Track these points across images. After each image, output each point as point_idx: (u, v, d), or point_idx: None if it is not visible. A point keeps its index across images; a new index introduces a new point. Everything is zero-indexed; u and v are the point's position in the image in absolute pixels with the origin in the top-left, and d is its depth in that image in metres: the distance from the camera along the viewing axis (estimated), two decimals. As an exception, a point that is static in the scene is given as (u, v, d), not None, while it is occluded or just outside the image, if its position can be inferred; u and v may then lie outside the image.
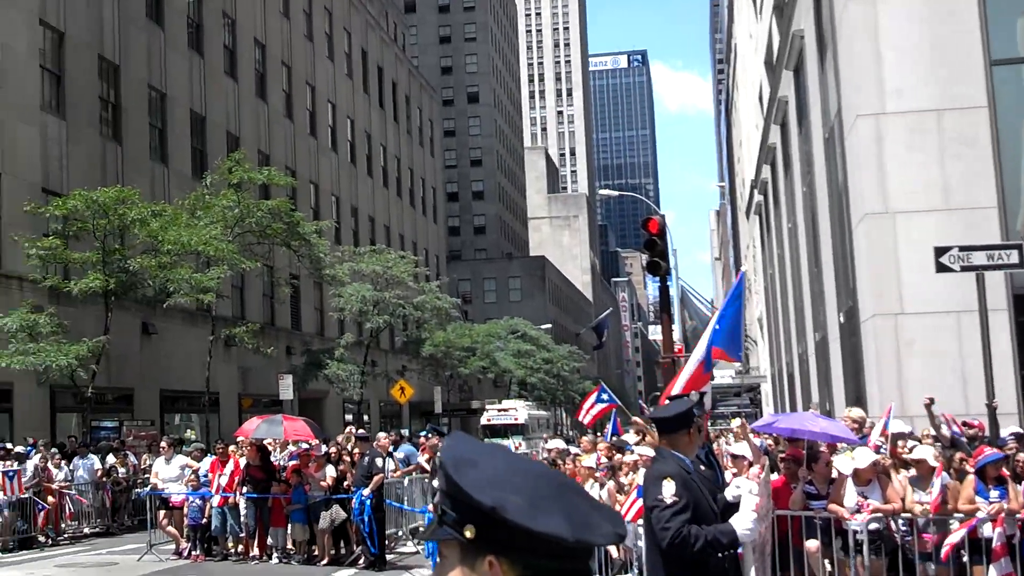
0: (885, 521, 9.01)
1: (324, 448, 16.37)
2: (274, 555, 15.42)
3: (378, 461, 14.99)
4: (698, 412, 5.61)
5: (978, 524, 8.58)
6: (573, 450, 15.89)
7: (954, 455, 9.70)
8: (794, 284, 25.73)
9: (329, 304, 39.40)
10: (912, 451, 9.74)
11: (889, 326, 13.53)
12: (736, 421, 13.37)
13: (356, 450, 15.92)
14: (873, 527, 8.94)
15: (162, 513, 16.46)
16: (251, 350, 29.29)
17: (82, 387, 23.51)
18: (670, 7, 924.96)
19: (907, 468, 9.54)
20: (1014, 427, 10.84)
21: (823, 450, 9.57)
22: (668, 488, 4.80)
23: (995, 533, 8.47)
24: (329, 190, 48.67)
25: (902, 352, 13.39)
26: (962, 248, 10.98)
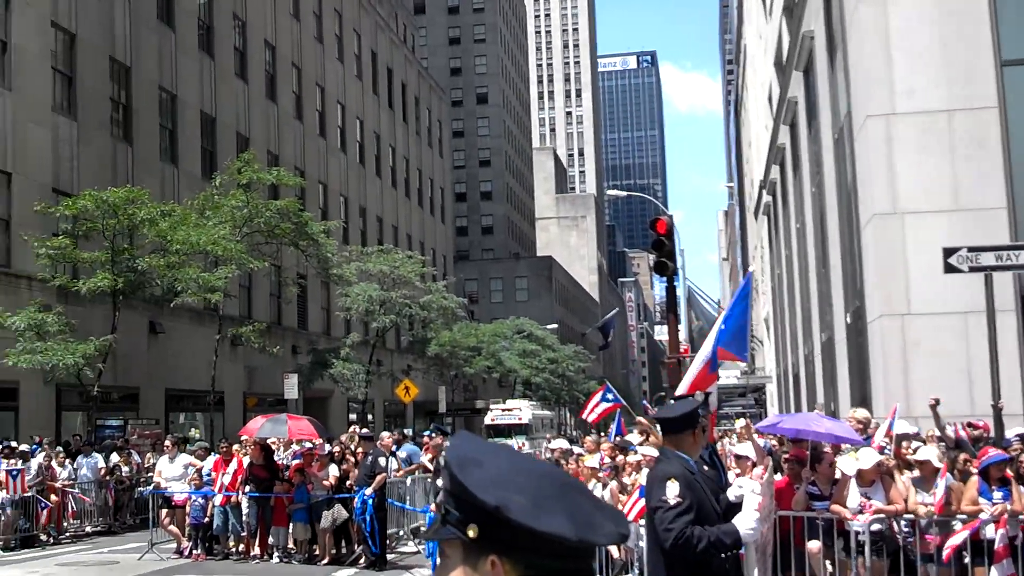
0: (887, 522, 8.96)
1: (328, 447, 16.35)
2: (275, 554, 15.41)
3: (381, 460, 14.97)
4: (703, 412, 5.56)
5: (981, 525, 8.53)
6: (576, 450, 15.84)
7: (958, 456, 9.65)
8: (801, 284, 25.65)
9: (336, 304, 39.41)
10: (916, 452, 9.68)
11: (896, 327, 13.45)
12: (740, 421, 13.31)
13: (359, 449, 15.91)
14: (875, 528, 8.89)
15: (164, 512, 16.44)
16: (257, 349, 29.32)
17: (88, 386, 23.55)
18: (679, 8, 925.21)
19: (911, 469, 9.49)
20: (1019, 428, 10.77)
21: (827, 451, 9.53)
22: (672, 489, 4.78)
23: (998, 534, 8.43)
24: (338, 190, 48.72)
25: (908, 353, 13.32)
26: (971, 249, 10.91)
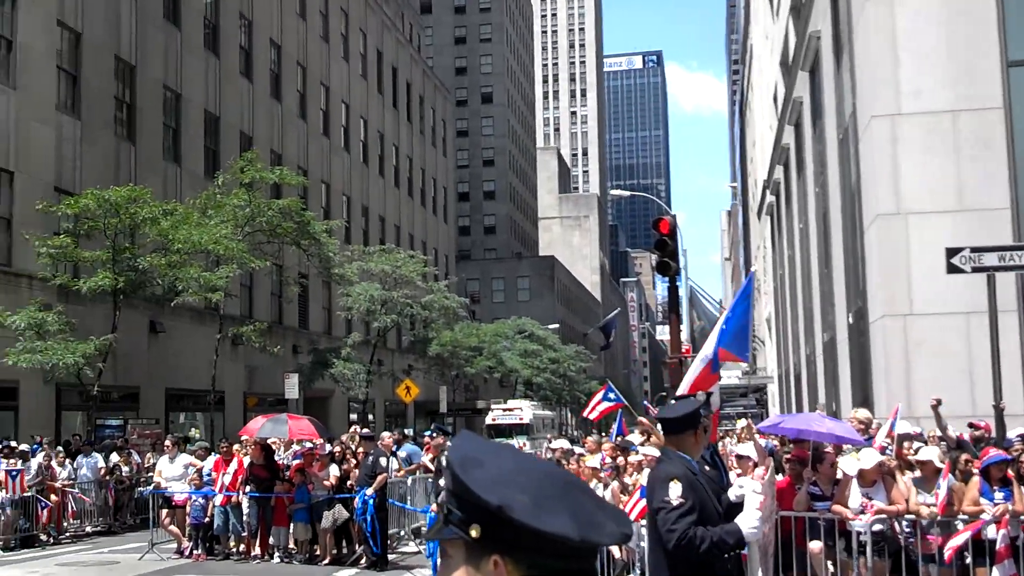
0: (889, 522, 8.91)
1: (328, 447, 16.31)
2: (276, 554, 15.37)
3: (382, 460, 14.92)
4: (704, 412, 5.51)
5: (983, 526, 8.48)
6: (577, 450, 15.79)
7: (959, 456, 9.60)
8: (804, 285, 25.58)
9: (337, 303, 39.39)
10: (917, 452, 9.63)
11: (898, 327, 13.39)
12: (741, 422, 13.26)
13: (360, 449, 15.87)
14: (877, 528, 8.85)
15: (164, 512, 16.41)
16: (258, 349, 29.28)
17: (88, 385, 23.51)
18: (686, 8, 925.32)
19: (912, 469, 9.44)
20: (1021, 428, 10.72)
21: (828, 451, 9.48)
22: (675, 490, 4.75)
23: (999, 535, 8.39)
24: (340, 190, 48.71)
25: (910, 353, 13.25)
26: (974, 249, 10.85)
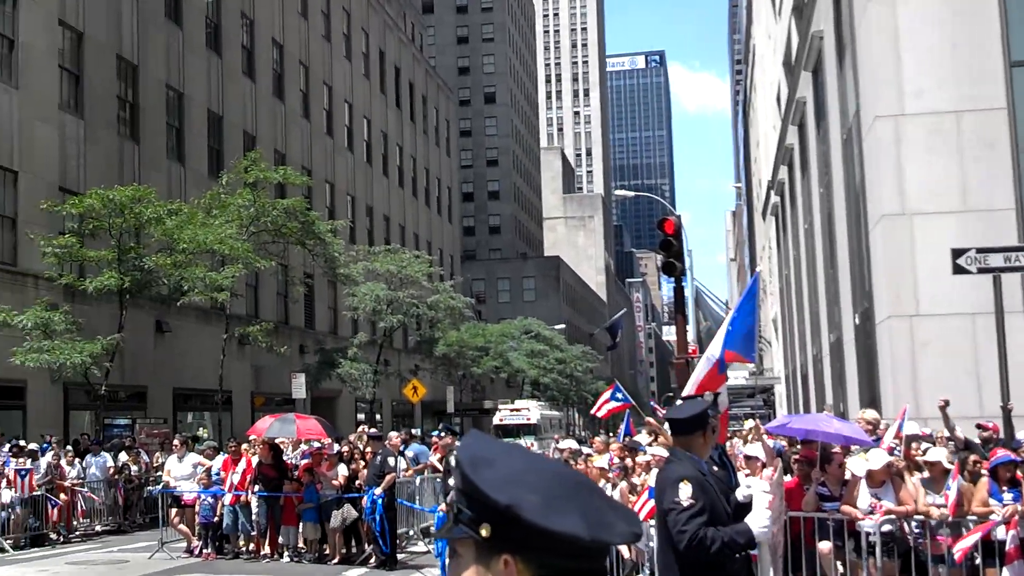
0: (898, 523, 8.94)
1: (336, 447, 16.37)
2: (285, 554, 15.43)
3: (390, 460, 14.97)
4: (712, 413, 5.54)
5: (993, 527, 8.50)
6: (585, 450, 15.85)
7: (968, 457, 9.63)
8: (809, 285, 25.60)
9: (343, 303, 39.44)
10: (925, 453, 9.66)
11: (904, 328, 13.42)
12: (749, 423, 13.29)
13: (368, 449, 15.92)
14: (886, 529, 8.88)
15: (174, 511, 16.48)
16: (264, 349, 29.34)
17: (95, 385, 23.59)
18: (688, 8, 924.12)
19: (920, 470, 9.47)
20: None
21: (836, 451, 9.51)
22: (685, 491, 4.76)
23: (1008, 535, 8.40)
24: (344, 189, 48.76)
25: (917, 354, 13.29)
26: (979, 250, 10.89)
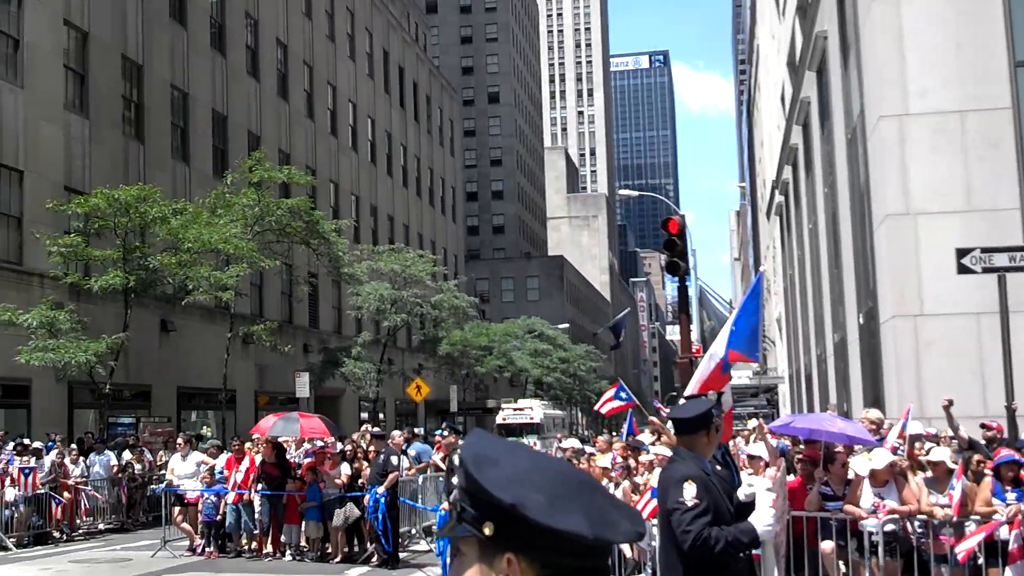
0: (901, 523, 8.93)
1: (339, 446, 16.39)
2: (288, 552, 15.45)
3: (393, 459, 14.98)
4: (716, 412, 5.54)
5: (996, 528, 8.49)
6: (588, 449, 15.85)
7: (971, 457, 9.61)
8: (814, 285, 25.57)
9: (347, 302, 39.46)
10: (929, 453, 9.65)
11: (909, 327, 13.41)
12: (752, 422, 13.28)
13: (371, 448, 15.94)
14: (889, 528, 8.87)
15: (177, 509, 16.51)
16: (268, 348, 29.37)
17: (100, 384, 23.63)
18: (692, 8, 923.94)
19: (924, 470, 9.46)
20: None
21: (839, 451, 9.51)
22: (689, 490, 4.75)
23: (1012, 535, 8.38)
24: (349, 189, 48.79)
25: (921, 353, 13.27)
26: (984, 250, 10.88)
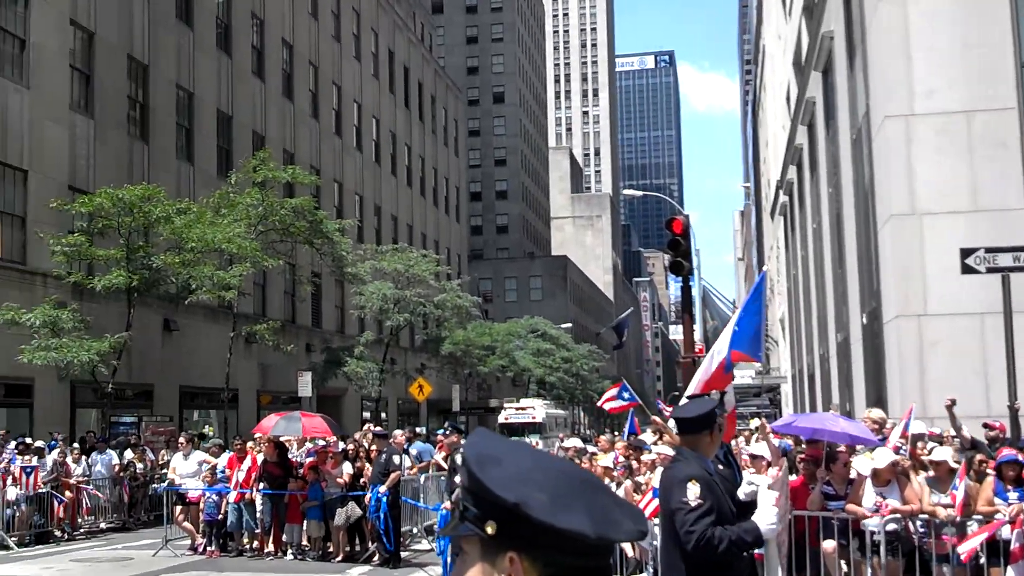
0: (903, 522, 8.90)
1: (341, 445, 16.37)
2: (289, 551, 15.44)
3: (395, 458, 14.98)
4: (719, 412, 5.51)
5: (999, 528, 8.46)
6: (590, 449, 15.82)
7: (974, 457, 9.58)
8: (817, 285, 25.52)
9: (350, 302, 39.47)
10: (931, 452, 9.62)
11: (912, 327, 13.36)
12: (755, 421, 13.25)
13: (373, 447, 15.92)
14: (891, 528, 8.83)
15: (178, 508, 16.51)
16: (271, 347, 29.38)
17: (102, 383, 23.63)
18: (698, 8, 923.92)
19: (926, 470, 9.42)
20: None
21: (841, 450, 9.48)
22: (693, 490, 4.72)
23: (1014, 535, 8.35)
24: (353, 189, 48.81)
25: (925, 353, 13.22)
26: (988, 250, 10.84)
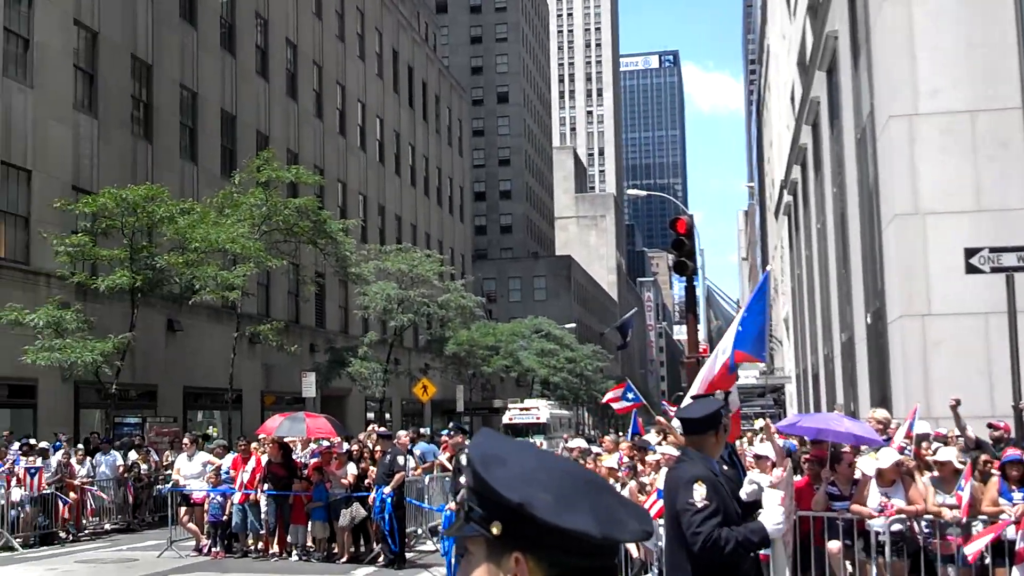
0: (908, 522, 8.88)
1: (346, 446, 16.37)
2: (294, 552, 15.44)
3: (399, 459, 14.96)
4: (724, 412, 5.50)
5: (1004, 529, 8.44)
6: (595, 449, 15.80)
7: (979, 457, 9.56)
8: (821, 285, 25.49)
9: (354, 302, 39.49)
10: (936, 453, 9.60)
11: (916, 327, 13.34)
12: (759, 422, 13.24)
13: (377, 448, 15.91)
14: (895, 528, 8.82)
15: (183, 509, 16.50)
16: (275, 348, 29.38)
17: (106, 383, 23.64)
18: (703, 8, 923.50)
19: (931, 470, 9.40)
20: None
21: (846, 451, 9.46)
22: (699, 491, 4.71)
23: (1019, 535, 8.32)
24: (357, 189, 48.82)
25: (929, 353, 13.20)
26: (992, 249, 10.82)
